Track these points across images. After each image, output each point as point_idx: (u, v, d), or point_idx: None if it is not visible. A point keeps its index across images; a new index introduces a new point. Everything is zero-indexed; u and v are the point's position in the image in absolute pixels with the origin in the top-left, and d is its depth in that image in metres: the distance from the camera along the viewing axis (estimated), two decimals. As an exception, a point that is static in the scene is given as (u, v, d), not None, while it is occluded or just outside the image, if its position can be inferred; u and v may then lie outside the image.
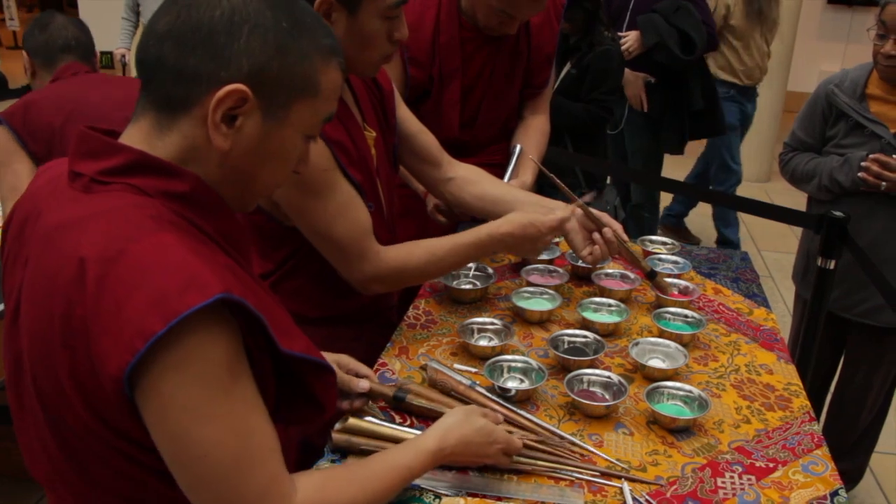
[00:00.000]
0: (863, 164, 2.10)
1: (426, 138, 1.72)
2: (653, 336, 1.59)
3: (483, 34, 1.97)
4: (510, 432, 1.20)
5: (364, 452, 1.22)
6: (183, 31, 0.86)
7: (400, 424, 1.29)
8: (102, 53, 9.83)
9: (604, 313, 1.68)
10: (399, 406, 1.32)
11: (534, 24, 2.04)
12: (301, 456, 1.24)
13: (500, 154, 2.16)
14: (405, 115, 1.70)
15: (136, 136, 0.91)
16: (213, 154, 0.89)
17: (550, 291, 1.73)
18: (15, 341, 0.94)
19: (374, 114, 1.59)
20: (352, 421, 1.27)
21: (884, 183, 2.08)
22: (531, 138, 2.13)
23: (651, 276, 1.68)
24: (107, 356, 0.79)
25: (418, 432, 1.25)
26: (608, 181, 3.34)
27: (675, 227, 4.79)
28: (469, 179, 1.74)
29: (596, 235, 1.61)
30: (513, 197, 1.71)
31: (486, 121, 2.10)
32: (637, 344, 1.53)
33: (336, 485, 0.95)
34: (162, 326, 0.77)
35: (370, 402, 1.31)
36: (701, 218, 5.01)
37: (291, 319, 0.97)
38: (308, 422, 1.00)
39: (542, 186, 3.08)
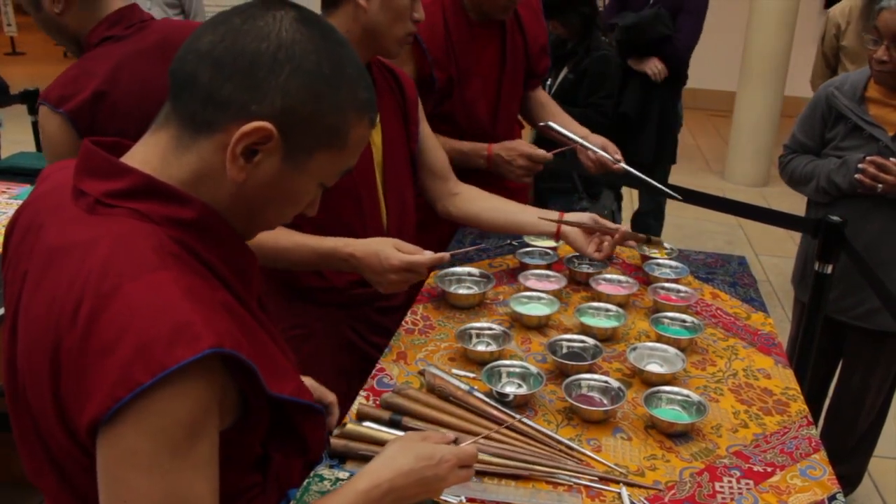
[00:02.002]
0: (860, 166, 2.11)
1: (440, 154, 1.87)
2: (651, 341, 1.59)
3: (488, 29, 2.08)
4: (456, 441, 1.09)
5: (364, 458, 1.23)
6: (224, 55, 0.85)
7: (395, 428, 1.29)
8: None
9: (602, 318, 1.68)
10: (397, 426, 1.31)
11: (524, 18, 2.17)
12: (299, 461, 1.23)
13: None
14: (426, 132, 1.83)
15: (152, 150, 0.90)
16: (226, 182, 0.88)
17: (548, 296, 1.74)
18: (13, 349, 0.93)
19: (395, 116, 1.64)
20: (350, 426, 1.27)
21: (880, 185, 2.08)
22: (548, 105, 2.35)
23: (647, 241, 1.82)
24: (88, 396, 0.77)
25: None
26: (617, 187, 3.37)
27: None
28: (476, 195, 1.92)
29: (605, 238, 1.81)
30: (518, 209, 1.89)
31: (506, 113, 2.23)
32: (635, 349, 1.53)
33: None
34: (147, 379, 0.75)
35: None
36: (697, 222, 5.02)
37: (286, 356, 0.95)
38: (294, 458, 0.98)
39: (540, 192, 3.10)
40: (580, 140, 2.09)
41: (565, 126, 2.23)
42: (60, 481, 0.92)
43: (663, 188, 2.07)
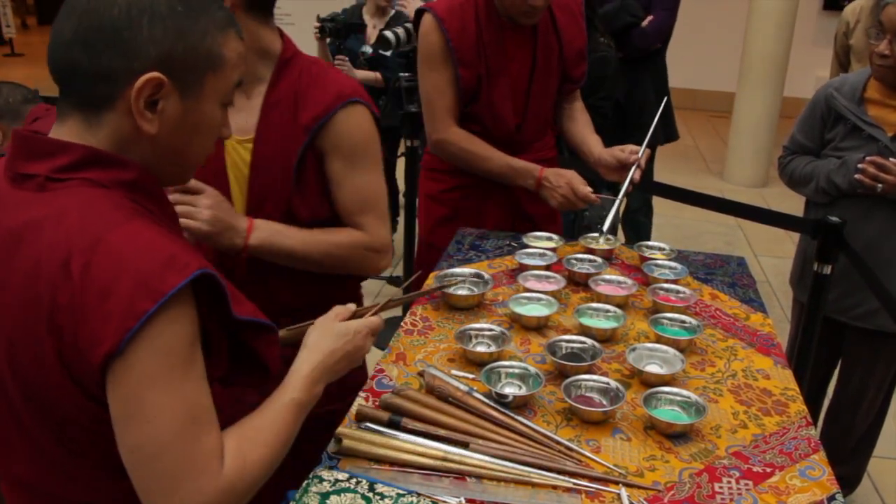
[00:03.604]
0: (860, 166, 2.11)
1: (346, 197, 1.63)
2: (650, 341, 1.59)
3: (521, 31, 2.09)
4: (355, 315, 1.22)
5: (363, 457, 1.23)
6: (88, 35, 0.91)
7: (395, 429, 1.29)
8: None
9: (601, 319, 1.68)
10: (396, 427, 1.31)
11: (560, 21, 2.16)
12: (299, 463, 1.23)
13: (547, 150, 2.31)
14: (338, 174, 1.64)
15: (66, 137, 0.95)
16: (143, 140, 0.95)
17: (547, 297, 1.74)
18: None
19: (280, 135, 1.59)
20: (350, 430, 1.27)
21: (880, 185, 2.09)
22: (580, 120, 2.30)
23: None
24: (97, 338, 0.84)
25: (417, 438, 1.26)
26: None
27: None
28: None
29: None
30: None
31: (535, 116, 2.21)
32: (634, 349, 1.53)
33: (248, 443, 0.98)
34: (151, 305, 0.84)
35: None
36: (696, 223, 5.02)
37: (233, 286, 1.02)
38: (254, 385, 1.04)
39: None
40: (622, 195, 2.02)
41: (585, 139, 2.21)
42: (54, 450, 0.96)
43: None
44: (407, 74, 3.39)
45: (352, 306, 1.24)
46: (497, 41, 2.09)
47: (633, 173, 1.99)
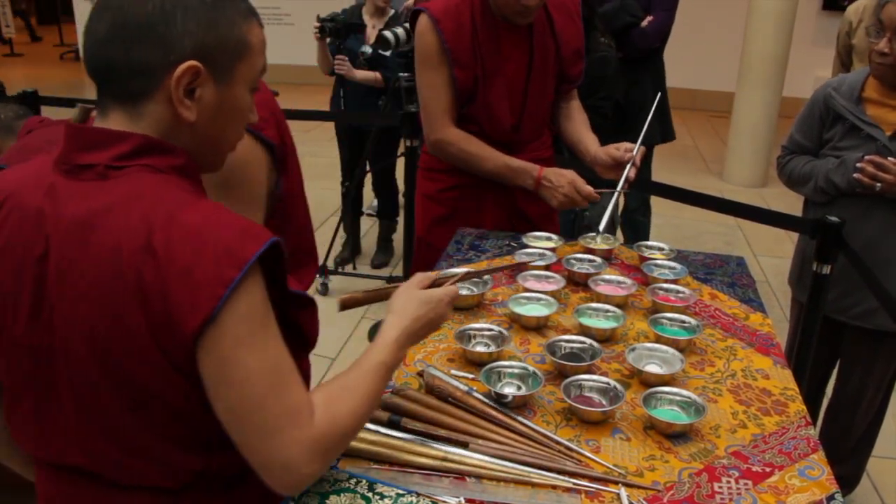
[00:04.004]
0: (858, 165, 2.12)
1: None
2: (649, 341, 1.59)
3: (517, 31, 2.08)
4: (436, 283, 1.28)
5: (363, 457, 1.23)
6: (124, 32, 0.95)
7: (394, 429, 1.29)
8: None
9: (600, 319, 1.68)
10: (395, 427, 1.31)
11: (557, 21, 2.15)
12: (219, 482, 1.22)
13: (544, 149, 2.30)
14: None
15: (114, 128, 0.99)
16: (183, 127, 1.01)
17: (547, 297, 1.74)
18: (37, 336, 0.99)
19: None
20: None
21: (879, 184, 2.09)
22: (576, 119, 2.29)
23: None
24: (189, 308, 0.90)
25: (417, 438, 1.26)
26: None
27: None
28: None
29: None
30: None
31: (532, 116, 2.20)
32: (634, 349, 1.53)
33: (337, 399, 1.03)
34: (237, 273, 0.91)
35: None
36: (696, 223, 5.03)
37: None
38: (295, 358, 1.07)
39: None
40: (617, 192, 2.02)
41: (581, 138, 2.21)
42: (127, 426, 0.99)
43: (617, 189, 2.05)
44: (406, 74, 3.39)
45: (432, 274, 1.30)
46: (493, 41, 2.09)
47: (629, 171, 1.99)
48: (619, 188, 1.99)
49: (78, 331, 0.96)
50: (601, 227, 2.00)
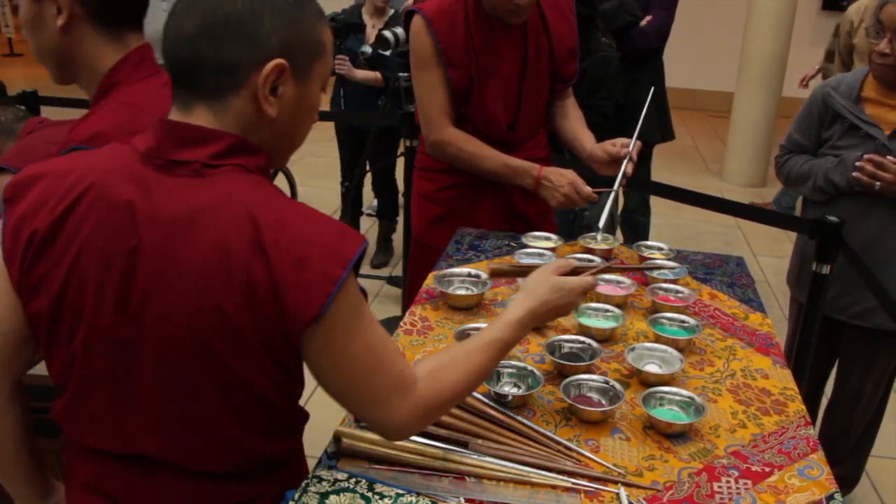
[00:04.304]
0: (857, 164, 2.12)
1: None
2: (649, 341, 1.59)
3: (510, 30, 2.09)
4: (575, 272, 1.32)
5: (363, 457, 1.23)
6: (214, 29, 0.97)
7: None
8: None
9: (600, 319, 1.68)
10: None
11: (551, 20, 2.15)
12: (272, 466, 1.23)
13: (539, 148, 2.30)
14: None
15: (199, 124, 1.02)
16: (264, 124, 1.04)
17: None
18: (123, 329, 1.00)
19: None
20: (349, 430, 1.27)
21: (878, 183, 2.09)
22: (572, 116, 2.30)
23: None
24: (301, 305, 0.96)
25: (417, 437, 1.26)
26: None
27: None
28: None
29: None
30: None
31: (527, 116, 2.20)
32: (633, 349, 1.53)
33: (443, 370, 1.11)
34: (342, 272, 0.97)
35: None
36: (696, 223, 5.03)
37: None
38: None
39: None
40: (615, 188, 2.02)
41: (577, 135, 2.22)
42: (217, 414, 1.03)
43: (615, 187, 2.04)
44: (406, 74, 3.38)
45: (573, 262, 1.34)
46: (487, 41, 2.09)
47: (626, 166, 1.99)
48: (616, 185, 1.98)
49: (175, 323, 0.98)
50: (600, 223, 2.00)
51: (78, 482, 1.14)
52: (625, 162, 1.99)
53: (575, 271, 1.33)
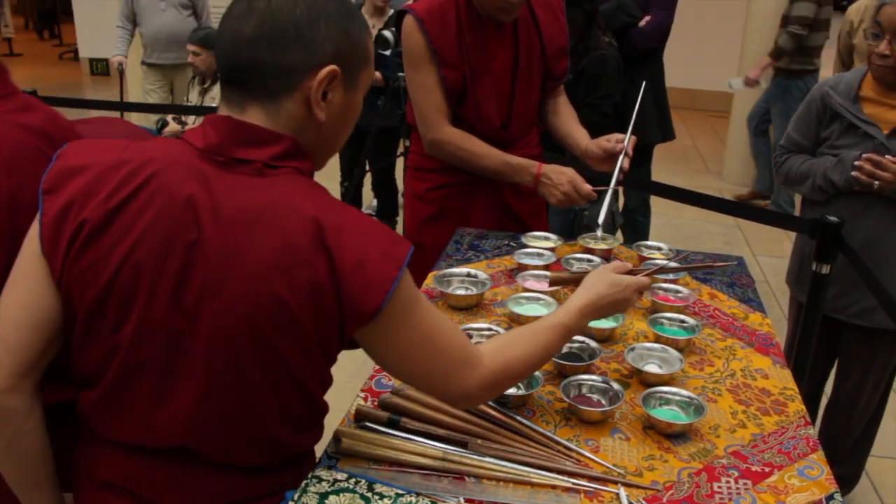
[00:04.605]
0: (856, 163, 2.12)
1: None
2: (649, 341, 1.59)
3: (502, 28, 2.09)
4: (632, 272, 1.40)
5: (363, 456, 1.23)
6: (273, 34, 1.02)
7: (394, 428, 1.29)
8: (96, 61, 9.85)
9: (599, 318, 1.67)
10: (395, 427, 1.31)
11: (541, 19, 2.16)
12: (293, 459, 1.23)
13: (532, 147, 2.30)
14: None
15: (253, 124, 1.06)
16: (311, 126, 1.08)
17: (546, 297, 1.74)
18: (175, 321, 1.02)
19: None
20: (349, 430, 1.27)
21: (877, 182, 2.09)
22: (564, 114, 2.32)
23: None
24: (359, 303, 1.01)
25: (416, 438, 1.26)
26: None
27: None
28: None
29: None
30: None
31: (520, 115, 2.20)
32: (633, 349, 1.53)
33: (510, 344, 1.20)
34: (398, 272, 1.03)
35: None
36: (695, 223, 5.03)
37: None
38: None
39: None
40: (612, 185, 2.00)
41: (571, 132, 2.22)
42: (259, 402, 1.07)
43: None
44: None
45: (628, 264, 1.42)
46: (479, 40, 2.08)
47: (622, 161, 1.98)
48: (614, 181, 1.98)
49: (231, 318, 1.01)
50: (600, 220, 2.00)
51: (96, 482, 1.14)
52: (621, 157, 1.98)
53: (631, 273, 1.40)
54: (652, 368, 1.49)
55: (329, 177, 4.87)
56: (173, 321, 1.02)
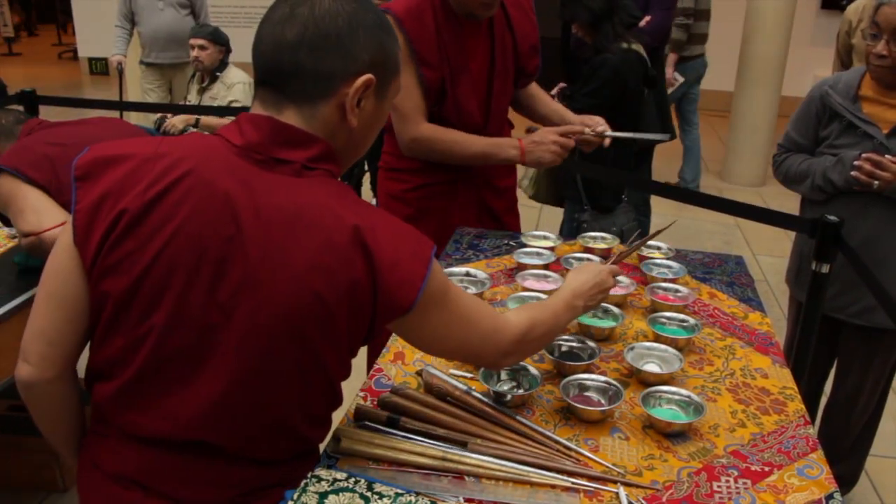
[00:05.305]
0: (856, 163, 2.11)
1: None
2: (648, 340, 1.59)
3: (477, 27, 2.11)
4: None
5: (363, 456, 1.23)
6: (315, 41, 1.05)
7: (394, 428, 1.29)
8: (95, 60, 9.85)
9: (599, 318, 1.68)
10: (394, 426, 1.31)
11: (514, 17, 2.19)
12: (304, 453, 1.24)
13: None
14: None
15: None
16: (342, 130, 1.12)
17: (545, 297, 1.73)
18: (210, 314, 1.05)
19: None
20: (349, 429, 1.27)
21: (876, 182, 2.09)
22: (539, 95, 2.40)
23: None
24: (396, 299, 1.08)
25: (416, 437, 1.26)
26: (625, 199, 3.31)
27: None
28: None
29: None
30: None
31: (497, 112, 2.23)
32: (632, 348, 1.53)
33: (529, 307, 1.33)
34: (426, 269, 1.09)
35: None
36: (697, 222, 5.03)
37: None
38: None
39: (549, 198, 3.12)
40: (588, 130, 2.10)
41: (546, 105, 2.33)
42: (283, 387, 1.10)
43: (650, 136, 2.29)
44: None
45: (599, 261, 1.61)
46: (456, 39, 2.09)
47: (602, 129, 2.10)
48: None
49: (268, 312, 1.03)
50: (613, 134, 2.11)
51: (106, 473, 1.15)
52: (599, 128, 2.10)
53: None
54: (651, 368, 1.49)
55: (329, 176, 4.86)
56: (208, 314, 1.05)
